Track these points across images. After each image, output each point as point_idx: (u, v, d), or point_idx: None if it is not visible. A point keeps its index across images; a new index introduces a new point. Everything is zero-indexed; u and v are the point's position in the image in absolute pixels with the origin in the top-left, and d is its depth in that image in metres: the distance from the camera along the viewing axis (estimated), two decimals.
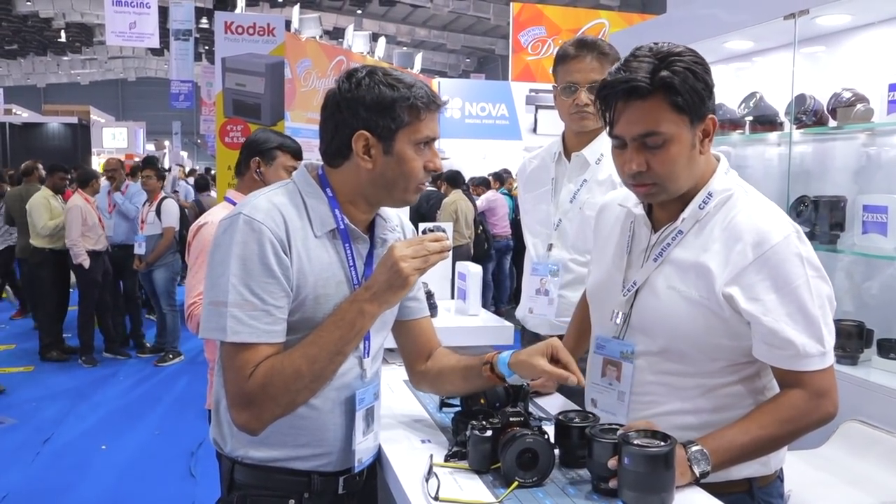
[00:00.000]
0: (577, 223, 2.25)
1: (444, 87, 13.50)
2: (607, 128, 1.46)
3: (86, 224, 6.30)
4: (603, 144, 2.28)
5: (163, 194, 6.73)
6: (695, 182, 1.46)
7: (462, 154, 12.32)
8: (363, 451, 1.51)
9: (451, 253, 1.64)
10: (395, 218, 1.63)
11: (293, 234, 1.38)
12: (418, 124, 1.42)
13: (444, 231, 1.48)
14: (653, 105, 1.37)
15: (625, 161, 1.43)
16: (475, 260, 7.80)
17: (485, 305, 7.57)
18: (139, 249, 6.50)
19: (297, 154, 2.61)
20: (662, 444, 1.26)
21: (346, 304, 1.39)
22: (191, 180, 12.47)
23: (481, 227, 7.94)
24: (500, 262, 8.57)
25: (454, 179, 8.06)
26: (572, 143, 2.31)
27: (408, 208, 2.62)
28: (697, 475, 1.35)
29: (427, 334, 1.72)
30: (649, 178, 1.41)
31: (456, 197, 7.77)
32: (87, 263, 6.30)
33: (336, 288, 1.43)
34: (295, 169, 2.35)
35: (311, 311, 1.41)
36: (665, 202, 1.49)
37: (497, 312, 5.28)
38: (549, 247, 2.31)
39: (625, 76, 1.38)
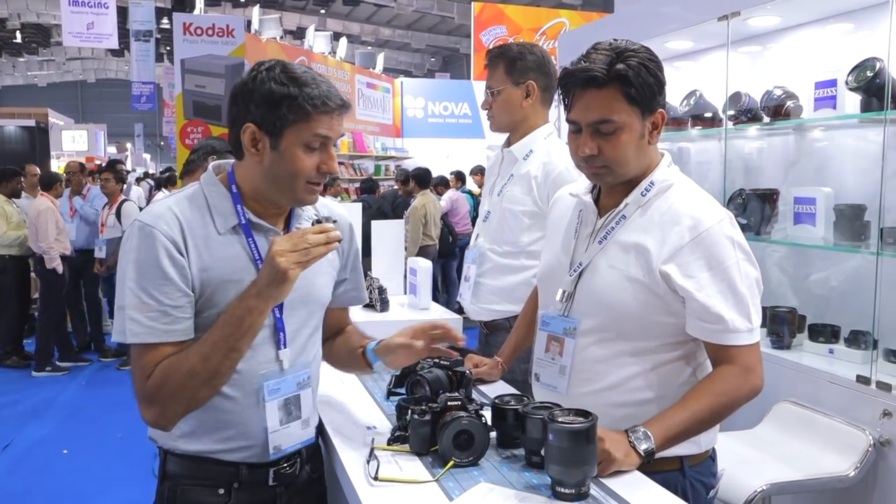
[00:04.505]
0: (498, 215, 2.37)
1: (406, 86, 13.55)
2: (566, 113, 1.57)
3: (57, 227, 6.22)
4: (534, 142, 2.38)
5: (122, 197, 6.69)
6: (642, 169, 1.57)
7: (425, 153, 12.38)
8: (282, 439, 1.52)
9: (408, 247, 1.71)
10: (313, 209, 1.61)
11: (190, 234, 1.42)
12: (307, 123, 1.41)
13: (334, 222, 1.45)
14: (608, 94, 1.48)
15: (579, 145, 1.54)
16: (442, 256, 7.87)
17: (449, 303, 7.57)
18: (100, 253, 6.46)
19: None
20: (584, 420, 1.35)
21: (236, 301, 1.40)
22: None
23: (442, 223, 8.00)
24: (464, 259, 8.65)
25: (423, 178, 8.07)
26: (511, 141, 2.43)
27: (359, 208, 2.71)
28: (642, 453, 1.43)
29: (341, 316, 1.80)
30: (600, 162, 1.53)
31: (425, 200, 7.78)
32: (60, 268, 6.21)
33: (245, 282, 1.43)
34: None
35: (224, 306, 1.42)
36: (611, 190, 1.61)
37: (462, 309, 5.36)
38: (477, 236, 2.46)
39: (584, 66, 1.50)
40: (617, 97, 1.48)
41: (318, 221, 1.44)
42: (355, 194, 9.98)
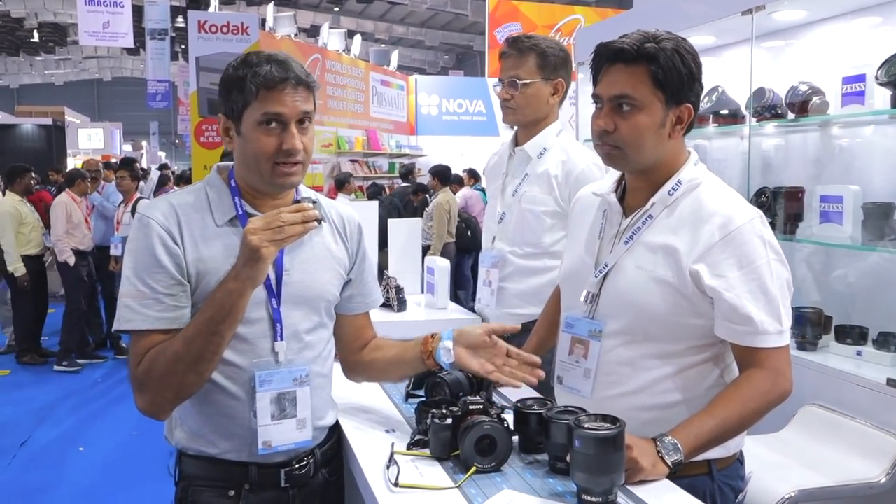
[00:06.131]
0: (517, 216, 2.32)
1: (420, 83, 13.52)
2: (593, 87, 1.54)
3: (70, 221, 6.25)
4: (547, 139, 2.33)
5: (138, 195, 6.70)
6: (658, 162, 1.53)
7: (440, 151, 12.35)
8: (273, 436, 1.48)
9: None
10: (311, 195, 1.58)
11: (186, 224, 1.44)
12: (257, 103, 1.42)
13: (314, 202, 1.46)
14: (634, 72, 1.47)
15: (597, 119, 1.52)
16: (462, 251, 7.82)
17: (467, 301, 7.50)
18: (115, 251, 6.48)
19: None
20: (611, 426, 1.30)
21: (217, 286, 1.40)
22: None
23: (465, 219, 7.94)
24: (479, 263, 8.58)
25: (444, 175, 8.01)
26: (521, 138, 2.37)
27: (376, 206, 2.67)
28: (671, 465, 1.39)
29: (363, 327, 1.74)
30: (613, 140, 1.50)
31: (448, 196, 7.72)
32: (72, 261, 6.24)
33: None
34: None
35: None
36: (636, 189, 1.57)
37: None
38: (493, 239, 2.39)
39: (618, 40, 1.49)
40: (642, 76, 1.46)
41: (298, 202, 1.42)
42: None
